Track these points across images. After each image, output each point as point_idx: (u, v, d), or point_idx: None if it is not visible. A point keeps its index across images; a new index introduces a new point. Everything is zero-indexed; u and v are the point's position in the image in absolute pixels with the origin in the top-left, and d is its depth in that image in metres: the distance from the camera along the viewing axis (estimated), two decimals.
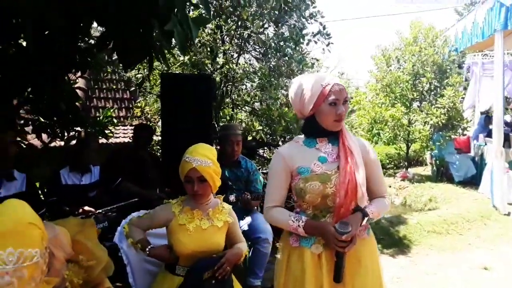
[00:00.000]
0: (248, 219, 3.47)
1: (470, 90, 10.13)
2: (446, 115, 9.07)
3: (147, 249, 2.12)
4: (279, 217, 1.88)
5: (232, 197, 3.35)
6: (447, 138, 9.24)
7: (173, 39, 2.19)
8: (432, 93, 9.88)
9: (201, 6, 2.21)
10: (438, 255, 4.94)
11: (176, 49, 3.93)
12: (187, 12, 2.15)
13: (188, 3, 2.16)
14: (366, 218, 1.80)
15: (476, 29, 7.33)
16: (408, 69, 9.53)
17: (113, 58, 4.34)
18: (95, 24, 2.73)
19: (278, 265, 1.96)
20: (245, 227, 3.40)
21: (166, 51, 2.43)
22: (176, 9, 2.08)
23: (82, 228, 1.63)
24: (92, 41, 3.41)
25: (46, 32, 2.41)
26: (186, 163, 2.05)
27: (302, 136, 1.95)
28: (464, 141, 9.53)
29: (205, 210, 2.17)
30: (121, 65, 2.57)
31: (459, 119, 9.38)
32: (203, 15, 2.39)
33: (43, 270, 1.24)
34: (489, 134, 8.30)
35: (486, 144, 8.46)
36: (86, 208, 3.30)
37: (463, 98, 9.95)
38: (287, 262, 1.88)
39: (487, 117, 9.06)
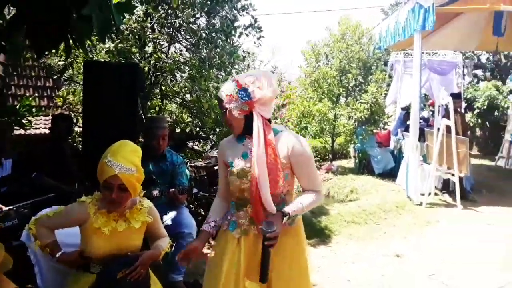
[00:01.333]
0: (172, 214, 3.43)
1: (393, 86, 10.75)
2: (369, 110, 9.54)
3: (57, 255, 2.00)
4: (211, 209, 2.17)
5: (155, 192, 3.29)
6: (369, 132, 9.73)
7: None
8: (357, 88, 10.35)
9: None
10: (357, 244, 5.23)
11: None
12: None
13: None
14: (286, 217, 1.90)
15: (398, 29, 7.74)
16: (335, 65, 9.89)
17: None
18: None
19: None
20: (169, 222, 3.36)
21: (85, 37, 2.29)
22: None
23: None
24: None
25: None
26: (107, 168, 1.92)
27: None
28: (385, 135, 10.12)
29: (121, 212, 2.08)
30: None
31: (381, 114, 9.91)
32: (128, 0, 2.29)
33: None
34: (407, 129, 8.87)
35: (404, 138, 9.04)
36: None
37: (386, 94, 10.53)
38: (217, 241, 2.12)
39: (407, 113, 9.66)
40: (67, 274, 2.15)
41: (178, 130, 5.52)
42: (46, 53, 2.95)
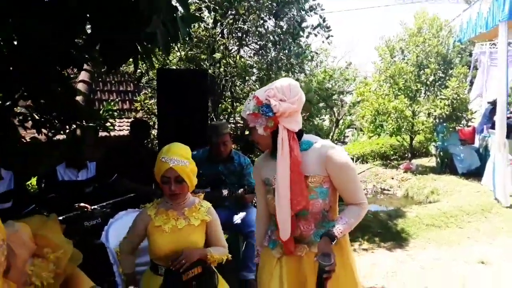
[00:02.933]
0: (242, 214, 3.51)
1: (478, 79, 10.05)
2: (450, 106, 8.98)
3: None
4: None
5: (225, 192, 3.39)
6: (451, 129, 9.16)
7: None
8: (437, 84, 9.78)
9: (179, 6, 2.20)
10: (436, 249, 4.94)
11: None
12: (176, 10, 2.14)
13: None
14: (334, 242, 1.73)
15: (480, 20, 7.23)
16: (412, 60, 9.45)
17: None
18: None
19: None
20: (238, 221, 3.45)
21: (152, 52, 2.44)
22: (160, 10, 2.10)
23: (45, 223, 1.65)
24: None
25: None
26: (163, 163, 2.04)
27: None
28: (469, 132, 9.45)
29: (180, 210, 2.17)
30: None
31: (463, 110, 9.27)
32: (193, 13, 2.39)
33: (1, 262, 1.29)
34: (494, 125, 8.22)
35: (490, 136, 8.38)
36: (81, 204, 3.35)
37: (470, 88, 9.86)
38: (261, 257, 2.07)
39: (493, 108, 8.96)
40: (142, 273, 2.28)
41: (247, 132, 5.62)
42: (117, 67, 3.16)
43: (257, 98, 1.77)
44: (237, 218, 3.50)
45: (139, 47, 2.30)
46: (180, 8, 2.36)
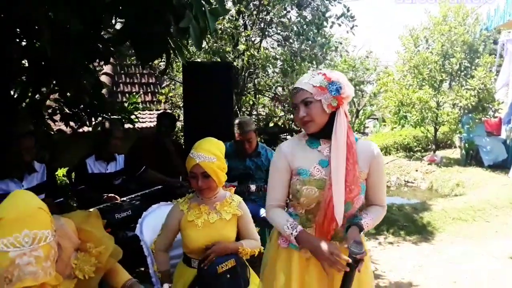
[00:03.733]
0: None
1: (504, 68, 9.72)
2: (476, 96, 8.77)
3: (163, 286, 2.16)
4: (277, 220, 1.80)
5: (253, 187, 3.39)
6: (477, 120, 8.96)
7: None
8: (462, 74, 9.56)
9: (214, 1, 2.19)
10: (463, 243, 4.86)
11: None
12: (204, 3, 2.14)
13: None
14: (362, 232, 1.73)
15: (509, 6, 7.01)
16: (437, 49, 9.24)
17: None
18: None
19: (265, 264, 1.93)
20: (265, 215, 3.44)
21: (183, 46, 2.44)
22: (191, 4, 2.09)
23: (87, 219, 1.71)
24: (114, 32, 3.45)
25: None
26: (190, 159, 2.08)
27: (305, 133, 1.82)
28: (496, 124, 9.25)
29: (212, 204, 2.19)
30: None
31: (490, 100, 9.05)
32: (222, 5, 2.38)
33: (55, 251, 1.36)
34: None
35: None
36: (110, 195, 3.40)
37: (495, 79, 9.59)
38: (275, 260, 1.84)
39: None
40: (175, 266, 2.31)
41: (271, 125, 5.61)
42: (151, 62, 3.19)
43: (325, 75, 1.71)
44: (264, 212, 3.51)
45: (171, 42, 2.30)
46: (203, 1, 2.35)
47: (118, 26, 2.99)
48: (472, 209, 5.84)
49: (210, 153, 2.08)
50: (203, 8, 2.18)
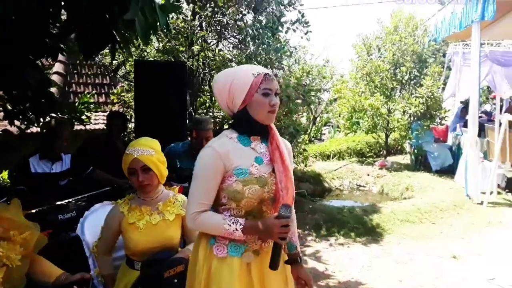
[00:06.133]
0: None
1: (451, 79, 10.25)
2: (425, 104, 9.16)
3: None
4: (211, 222, 1.65)
5: None
6: (425, 127, 9.34)
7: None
8: (412, 82, 9.97)
9: None
10: (410, 244, 5.03)
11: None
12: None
13: None
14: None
15: (454, 20, 7.36)
16: (388, 58, 9.60)
17: None
18: None
19: (194, 276, 1.72)
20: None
21: (130, 40, 2.38)
22: None
23: (7, 208, 1.68)
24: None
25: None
26: (127, 156, 1.99)
27: (232, 131, 1.73)
28: (443, 131, 9.67)
29: (154, 205, 2.11)
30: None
31: (437, 108, 9.47)
32: (172, 2, 2.34)
33: None
34: (466, 124, 8.43)
35: (463, 134, 8.58)
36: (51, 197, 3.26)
37: (443, 87, 10.06)
38: (208, 273, 1.68)
39: (464, 107, 9.19)
40: (117, 267, 2.21)
41: (226, 127, 5.59)
42: (94, 55, 3.08)
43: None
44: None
45: (116, 36, 2.23)
46: None
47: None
48: (419, 211, 6.06)
49: (148, 147, 2.01)
50: (153, 4, 2.14)
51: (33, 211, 2.98)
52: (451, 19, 7.48)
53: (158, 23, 2.25)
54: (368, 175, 9.50)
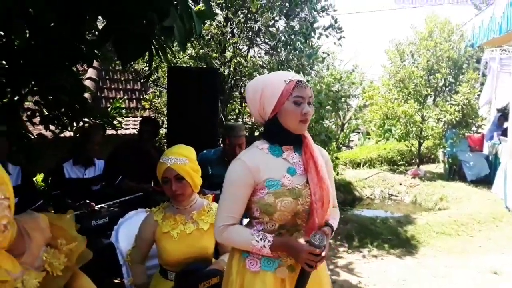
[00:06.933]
0: None
1: (487, 86, 9.88)
2: (460, 112, 8.87)
3: None
4: (238, 238, 1.61)
5: None
6: (460, 135, 9.05)
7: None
8: (447, 89, 9.68)
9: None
10: (447, 257, 4.84)
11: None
12: (191, 6, 2.06)
13: None
14: (332, 232, 1.69)
15: (493, 24, 7.11)
16: (422, 64, 9.34)
17: None
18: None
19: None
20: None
21: (167, 47, 2.36)
22: (176, 4, 2.02)
23: (61, 217, 1.68)
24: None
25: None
26: (161, 164, 1.97)
27: (263, 141, 1.67)
28: (478, 139, 9.34)
29: (188, 214, 2.06)
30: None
31: (473, 116, 9.16)
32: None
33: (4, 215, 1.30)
34: (504, 133, 8.11)
35: (500, 143, 8.26)
36: (87, 201, 3.28)
37: (478, 95, 9.73)
38: (241, 287, 1.64)
39: (502, 115, 8.84)
40: (151, 276, 2.18)
41: (256, 134, 5.55)
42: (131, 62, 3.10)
43: None
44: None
45: (154, 42, 2.22)
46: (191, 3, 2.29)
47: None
48: (455, 223, 5.84)
49: (182, 156, 1.97)
50: (189, 10, 2.12)
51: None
52: (490, 24, 7.22)
53: (194, 30, 2.24)
54: (400, 184, 9.25)
